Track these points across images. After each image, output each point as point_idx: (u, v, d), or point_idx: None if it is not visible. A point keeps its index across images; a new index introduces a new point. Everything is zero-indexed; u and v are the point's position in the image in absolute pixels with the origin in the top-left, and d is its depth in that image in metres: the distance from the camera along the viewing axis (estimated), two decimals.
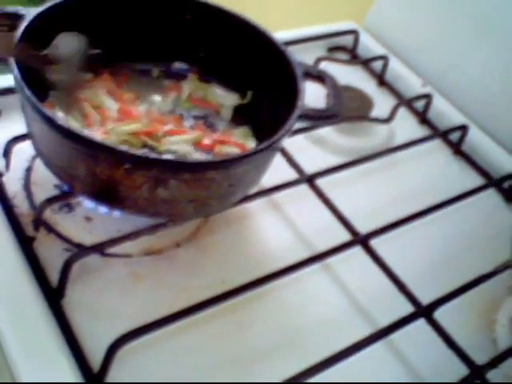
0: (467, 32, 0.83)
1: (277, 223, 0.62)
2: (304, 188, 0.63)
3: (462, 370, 0.51)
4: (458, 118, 0.80)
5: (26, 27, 0.51)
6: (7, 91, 0.63)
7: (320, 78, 0.57)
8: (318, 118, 0.55)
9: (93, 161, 0.45)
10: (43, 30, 0.53)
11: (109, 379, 0.45)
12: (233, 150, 0.57)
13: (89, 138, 0.43)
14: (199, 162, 0.48)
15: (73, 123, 0.56)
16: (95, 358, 0.46)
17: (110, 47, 0.62)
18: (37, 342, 0.46)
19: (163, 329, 0.47)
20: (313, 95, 0.56)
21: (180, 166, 0.46)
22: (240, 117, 0.62)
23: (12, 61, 0.48)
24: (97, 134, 0.54)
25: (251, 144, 0.59)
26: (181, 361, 0.49)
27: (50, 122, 0.45)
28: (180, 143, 0.56)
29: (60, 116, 0.56)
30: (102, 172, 0.45)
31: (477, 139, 0.78)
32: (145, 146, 0.56)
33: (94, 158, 0.45)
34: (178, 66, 0.66)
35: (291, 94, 0.53)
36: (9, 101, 0.64)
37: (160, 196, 0.47)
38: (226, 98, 0.64)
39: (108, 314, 0.50)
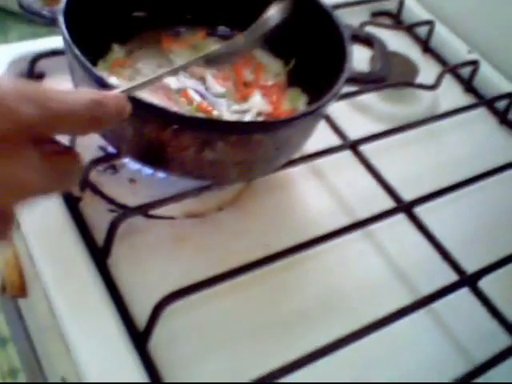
0: None
1: (319, 189, 0.61)
2: (347, 154, 0.62)
3: (506, 340, 0.51)
4: (505, 86, 0.78)
5: None
6: (51, 53, 0.63)
7: (368, 41, 0.56)
8: (366, 82, 0.54)
9: (140, 121, 0.45)
10: None
11: (153, 338, 0.46)
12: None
13: (138, 98, 0.43)
14: (247, 123, 0.48)
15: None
16: (140, 317, 0.47)
17: (154, 10, 0.62)
18: (84, 299, 0.47)
19: (207, 290, 0.47)
20: (356, 59, 0.55)
21: (228, 127, 0.45)
22: (292, 78, 0.61)
23: (61, 21, 0.48)
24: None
25: (302, 106, 0.58)
26: (223, 322, 0.49)
27: (99, 81, 0.45)
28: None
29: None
30: (149, 133, 0.45)
31: None
32: None
33: (141, 118, 0.44)
34: (221, 30, 0.65)
35: (339, 57, 0.52)
36: (53, 63, 0.64)
37: (206, 158, 0.47)
38: (269, 65, 0.63)
39: (152, 274, 0.51)
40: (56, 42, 0.57)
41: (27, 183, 0.32)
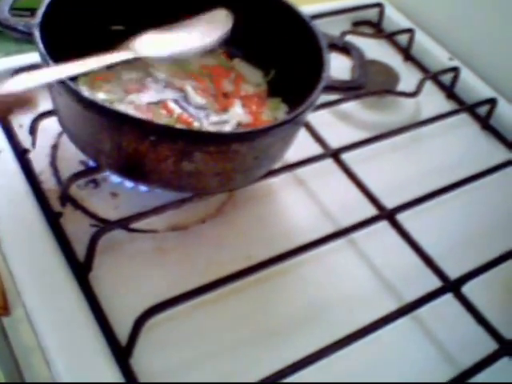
0: (495, 4, 0.81)
1: (302, 198, 0.61)
2: (329, 163, 0.62)
3: (491, 345, 0.50)
4: (486, 92, 0.79)
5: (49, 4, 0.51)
6: (30, 68, 0.63)
7: (346, 49, 0.56)
8: (343, 90, 0.54)
9: (118, 133, 0.45)
10: (65, 6, 0.53)
11: (136, 352, 0.45)
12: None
13: (114, 110, 0.43)
14: (224, 134, 0.48)
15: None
16: (122, 331, 0.46)
17: (131, 23, 0.62)
18: (65, 315, 0.47)
19: (189, 302, 0.47)
20: (337, 68, 0.56)
21: (205, 138, 0.45)
22: (272, 87, 0.61)
23: (37, 35, 0.48)
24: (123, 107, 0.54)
25: (282, 115, 0.58)
26: (206, 334, 0.49)
27: (75, 94, 0.45)
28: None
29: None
30: (127, 145, 0.45)
31: (506, 113, 0.77)
32: None
33: (119, 130, 0.44)
34: None
35: (317, 66, 0.53)
36: None
37: (185, 169, 0.47)
38: (249, 76, 0.63)
39: (134, 288, 0.51)
40: (32, 58, 0.57)
41: None
